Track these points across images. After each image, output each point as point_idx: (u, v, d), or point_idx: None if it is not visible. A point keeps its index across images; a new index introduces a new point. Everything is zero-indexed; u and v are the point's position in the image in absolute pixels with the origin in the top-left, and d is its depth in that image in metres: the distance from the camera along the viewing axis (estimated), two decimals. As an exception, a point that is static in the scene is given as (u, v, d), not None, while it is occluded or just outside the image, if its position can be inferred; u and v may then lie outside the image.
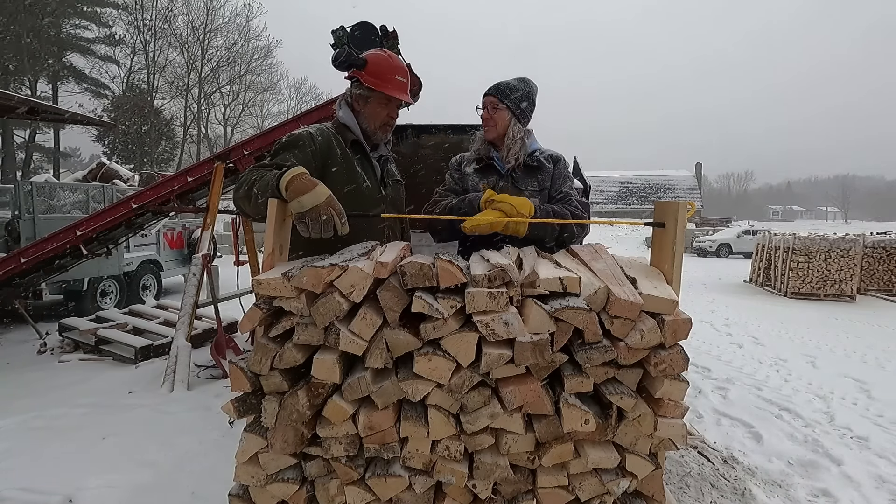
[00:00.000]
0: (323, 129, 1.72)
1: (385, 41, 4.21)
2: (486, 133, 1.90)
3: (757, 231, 20.62)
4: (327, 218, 1.23)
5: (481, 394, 1.07)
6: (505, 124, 1.85)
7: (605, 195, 39.93)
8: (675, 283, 1.20)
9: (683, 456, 2.82)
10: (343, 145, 1.73)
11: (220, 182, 4.49)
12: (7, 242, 6.10)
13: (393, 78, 1.74)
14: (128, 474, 2.46)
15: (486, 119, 1.87)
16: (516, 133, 1.85)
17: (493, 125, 1.87)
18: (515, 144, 1.85)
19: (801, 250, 9.77)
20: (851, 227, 35.00)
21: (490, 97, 1.87)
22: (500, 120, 1.85)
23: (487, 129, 1.89)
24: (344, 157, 1.71)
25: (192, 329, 4.31)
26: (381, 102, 1.76)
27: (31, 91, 19.76)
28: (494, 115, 1.86)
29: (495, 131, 1.87)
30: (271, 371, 1.10)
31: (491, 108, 1.86)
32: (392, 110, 1.81)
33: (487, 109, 1.87)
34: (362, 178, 1.74)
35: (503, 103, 1.85)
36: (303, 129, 1.70)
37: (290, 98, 32.72)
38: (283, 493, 1.16)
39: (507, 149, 1.85)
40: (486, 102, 1.88)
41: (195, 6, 24.51)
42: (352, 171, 1.71)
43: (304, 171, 1.31)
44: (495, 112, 1.85)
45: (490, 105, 1.86)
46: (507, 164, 1.86)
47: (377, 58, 1.74)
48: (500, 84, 1.89)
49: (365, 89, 1.73)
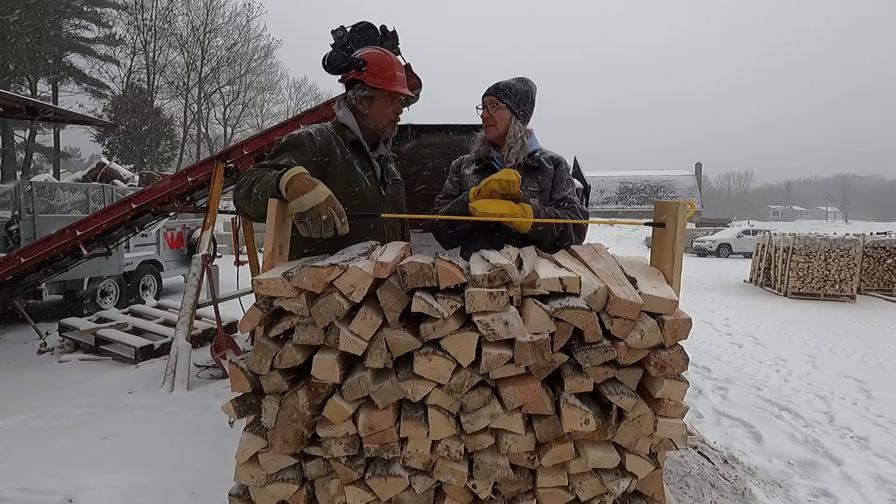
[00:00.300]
0: (322, 129, 1.72)
1: (385, 41, 4.22)
2: (487, 133, 1.90)
3: (757, 231, 20.63)
4: (327, 217, 1.23)
5: (481, 394, 1.07)
6: (505, 124, 1.85)
7: (605, 195, 39.94)
8: (675, 283, 1.20)
9: (683, 456, 2.82)
10: (343, 145, 1.72)
11: (220, 182, 4.49)
12: (7, 242, 6.10)
13: (395, 74, 1.75)
14: (128, 474, 2.46)
15: (487, 119, 1.87)
16: (517, 132, 1.85)
17: (493, 124, 1.87)
18: (516, 144, 1.85)
19: (801, 250, 9.78)
20: (851, 227, 35.01)
21: (490, 96, 1.87)
22: (500, 119, 1.85)
23: (488, 129, 1.89)
24: (344, 158, 1.71)
25: (192, 329, 4.31)
26: (386, 100, 1.76)
27: (31, 91, 19.74)
28: (495, 115, 1.85)
29: (496, 131, 1.87)
30: (271, 371, 1.10)
31: (491, 107, 1.86)
32: (397, 106, 1.82)
33: (487, 109, 1.87)
34: (362, 178, 1.74)
35: (503, 102, 1.85)
36: (302, 129, 1.69)
37: (290, 98, 32.81)
38: (283, 493, 1.16)
39: (508, 148, 1.85)
40: (485, 102, 1.88)
41: (195, 6, 24.54)
42: (352, 171, 1.71)
43: (304, 170, 1.31)
44: (496, 111, 1.85)
45: (490, 104, 1.86)
46: (508, 164, 1.86)
47: (375, 56, 1.73)
48: (500, 84, 1.89)
49: (369, 90, 1.72)
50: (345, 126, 1.77)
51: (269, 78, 29.82)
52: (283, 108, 31.86)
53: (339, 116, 1.79)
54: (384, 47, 4.79)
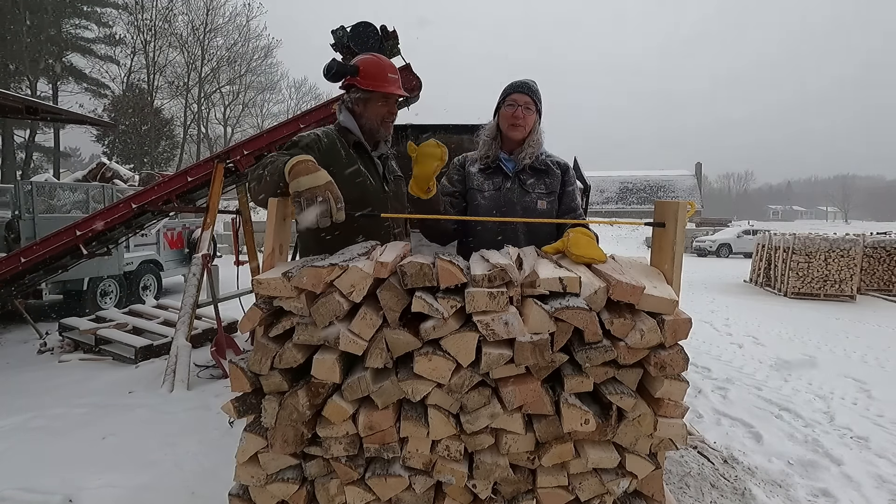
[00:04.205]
0: (328, 131, 1.81)
1: (385, 41, 4.21)
2: (516, 133, 1.85)
3: (757, 231, 20.61)
4: (322, 200, 1.23)
5: (481, 394, 1.07)
6: (532, 125, 1.85)
7: (605, 195, 39.89)
8: (675, 283, 1.20)
9: (683, 456, 2.82)
10: (346, 146, 1.80)
11: (220, 182, 4.49)
12: (7, 242, 6.10)
13: (386, 76, 1.81)
14: (128, 474, 2.46)
15: (519, 118, 1.82)
16: (539, 135, 1.87)
17: (523, 125, 1.84)
18: (536, 146, 1.86)
19: (801, 250, 9.77)
20: (851, 227, 34.97)
21: (525, 96, 1.83)
22: (531, 122, 1.85)
23: (517, 129, 1.84)
24: (348, 158, 1.78)
25: (192, 329, 4.31)
26: (379, 101, 1.82)
27: (31, 91, 19.73)
28: (528, 117, 1.83)
29: (524, 132, 1.85)
30: (271, 371, 1.10)
31: (526, 107, 1.83)
32: (391, 106, 1.86)
33: (522, 108, 1.82)
34: (367, 176, 1.81)
35: (536, 105, 1.84)
36: (310, 132, 1.79)
37: (290, 98, 32.83)
38: (283, 493, 1.16)
39: (527, 147, 1.85)
40: (520, 101, 1.83)
41: (195, 6, 24.50)
42: (356, 170, 1.78)
43: (311, 158, 1.33)
44: (530, 113, 1.83)
45: (525, 105, 1.83)
46: (524, 163, 1.86)
47: (368, 61, 1.81)
48: (529, 84, 1.86)
49: (363, 92, 1.80)
50: (347, 129, 1.84)
51: (269, 78, 29.85)
52: (283, 108, 31.92)
53: (341, 120, 1.87)
54: (385, 47, 4.77)
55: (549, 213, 1.88)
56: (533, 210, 1.86)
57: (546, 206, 1.87)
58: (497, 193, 1.86)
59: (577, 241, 1.31)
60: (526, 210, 1.85)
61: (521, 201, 1.85)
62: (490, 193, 1.87)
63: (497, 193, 1.86)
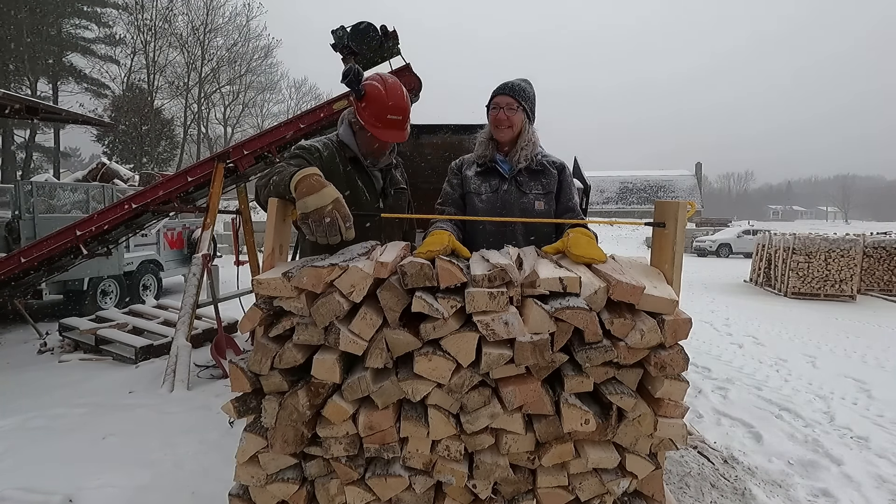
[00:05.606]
0: (328, 143, 1.81)
1: (385, 41, 4.21)
2: (502, 134, 1.84)
3: (757, 231, 20.62)
4: (330, 221, 1.23)
5: (481, 394, 1.07)
6: (520, 126, 1.84)
7: (605, 195, 39.91)
8: (675, 283, 1.20)
9: (683, 456, 2.82)
10: (345, 159, 1.81)
11: (220, 182, 4.49)
12: (7, 242, 6.10)
13: (385, 118, 1.72)
14: (128, 474, 2.46)
15: (503, 120, 1.82)
16: (530, 135, 1.85)
17: (509, 126, 1.82)
18: (529, 146, 1.84)
19: (801, 250, 9.78)
20: (851, 227, 35.00)
21: (507, 97, 1.82)
22: (517, 122, 1.83)
23: (503, 131, 1.83)
24: (346, 172, 1.79)
25: (192, 329, 4.31)
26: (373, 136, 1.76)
27: (31, 91, 19.73)
28: (512, 117, 1.82)
29: (511, 133, 1.84)
30: (271, 371, 1.10)
31: (508, 108, 1.81)
32: (384, 146, 1.83)
33: (504, 110, 1.82)
34: (362, 191, 1.81)
35: (520, 104, 1.82)
36: (312, 141, 1.80)
37: (290, 98, 32.84)
38: (283, 493, 1.16)
39: (520, 149, 1.84)
40: (502, 103, 1.82)
41: (195, 6, 24.50)
42: (353, 185, 1.79)
43: (317, 171, 1.32)
44: (514, 114, 1.82)
45: (508, 106, 1.82)
46: (519, 166, 1.84)
47: (375, 94, 1.71)
48: (514, 84, 1.85)
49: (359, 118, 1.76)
50: (344, 143, 1.83)
51: (269, 78, 29.86)
52: (283, 108, 31.95)
53: (340, 133, 1.85)
54: (385, 47, 4.74)
55: (547, 213, 1.87)
56: (531, 211, 1.85)
57: (543, 206, 1.85)
58: (494, 196, 1.85)
59: (576, 241, 1.31)
60: (524, 211, 1.84)
61: (519, 202, 1.84)
62: (487, 196, 1.86)
63: (494, 196, 1.85)
